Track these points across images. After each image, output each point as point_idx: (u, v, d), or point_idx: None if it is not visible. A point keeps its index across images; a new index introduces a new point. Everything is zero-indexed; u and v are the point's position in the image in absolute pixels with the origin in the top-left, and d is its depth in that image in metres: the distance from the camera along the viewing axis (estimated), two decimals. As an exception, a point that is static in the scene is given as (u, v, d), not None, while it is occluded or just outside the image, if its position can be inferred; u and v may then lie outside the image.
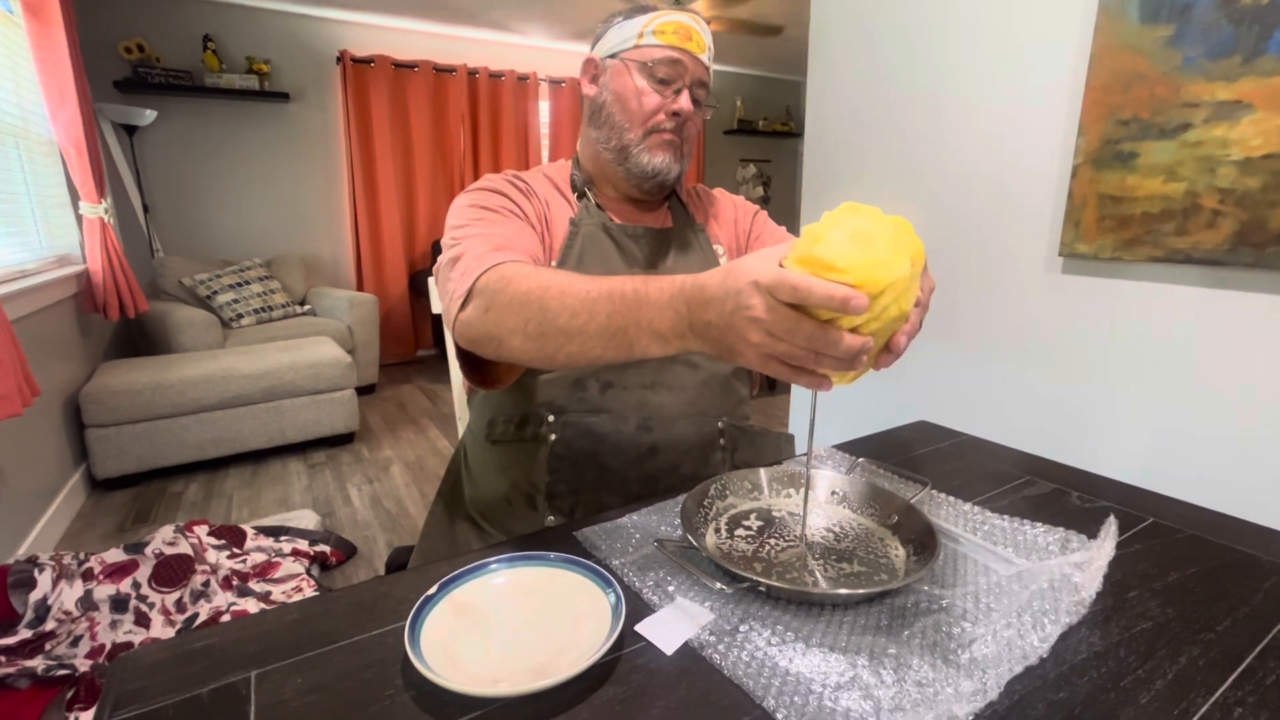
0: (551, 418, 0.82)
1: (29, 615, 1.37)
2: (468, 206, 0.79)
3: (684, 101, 0.82)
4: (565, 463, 0.82)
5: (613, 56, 0.84)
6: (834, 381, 0.48)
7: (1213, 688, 0.45)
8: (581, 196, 0.88)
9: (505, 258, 0.69)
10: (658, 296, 0.53)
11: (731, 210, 1.00)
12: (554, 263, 0.82)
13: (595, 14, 3.66)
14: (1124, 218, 1.31)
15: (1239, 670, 0.47)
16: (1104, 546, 0.61)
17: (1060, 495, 0.76)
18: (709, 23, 3.58)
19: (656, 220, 0.93)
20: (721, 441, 0.88)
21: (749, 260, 0.48)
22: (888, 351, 0.49)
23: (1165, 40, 1.21)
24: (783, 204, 5.62)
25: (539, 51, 4.35)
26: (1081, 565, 0.58)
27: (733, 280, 0.47)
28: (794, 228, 1.36)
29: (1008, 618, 0.51)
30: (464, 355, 0.74)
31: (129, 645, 1.40)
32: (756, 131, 5.28)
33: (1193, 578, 0.59)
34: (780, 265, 0.46)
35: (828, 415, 2.05)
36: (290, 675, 0.46)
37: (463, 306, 0.67)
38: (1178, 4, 1.19)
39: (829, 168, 1.98)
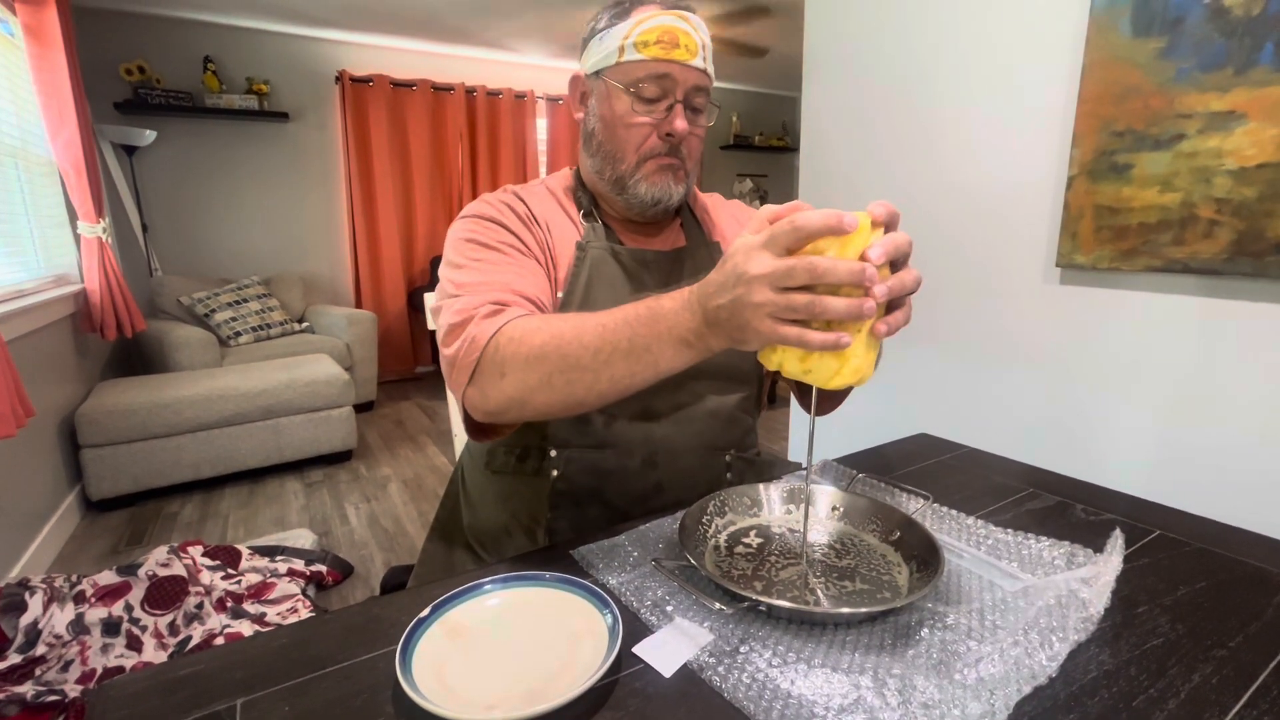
0: (554, 452, 0.78)
1: (19, 640, 1.34)
2: (464, 241, 0.75)
3: (677, 122, 0.75)
4: (567, 499, 0.79)
5: (597, 74, 0.78)
6: (851, 338, 0.47)
7: (1227, 707, 0.44)
8: (588, 216, 0.83)
9: (507, 317, 0.65)
10: (671, 305, 0.56)
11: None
12: (561, 294, 0.78)
13: (592, 33, 3.69)
14: (1121, 228, 1.31)
15: (1253, 688, 0.46)
16: (1111, 561, 0.59)
17: (1064, 508, 0.75)
18: None
19: (668, 240, 0.87)
20: (729, 475, 0.85)
21: (741, 239, 0.50)
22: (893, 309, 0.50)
23: (1157, 52, 1.22)
24: (780, 218, 5.65)
25: (536, 70, 4.39)
26: (1089, 580, 0.56)
27: (732, 262, 0.50)
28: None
29: (1014, 635, 0.50)
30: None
31: (120, 669, 1.37)
32: (752, 146, 5.32)
33: (1202, 592, 0.58)
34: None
35: (827, 429, 2.04)
36: (277, 703, 0.45)
37: (472, 379, 0.64)
38: (1169, 17, 1.20)
39: (825, 182, 1.99)
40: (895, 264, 0.49)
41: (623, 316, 0.58)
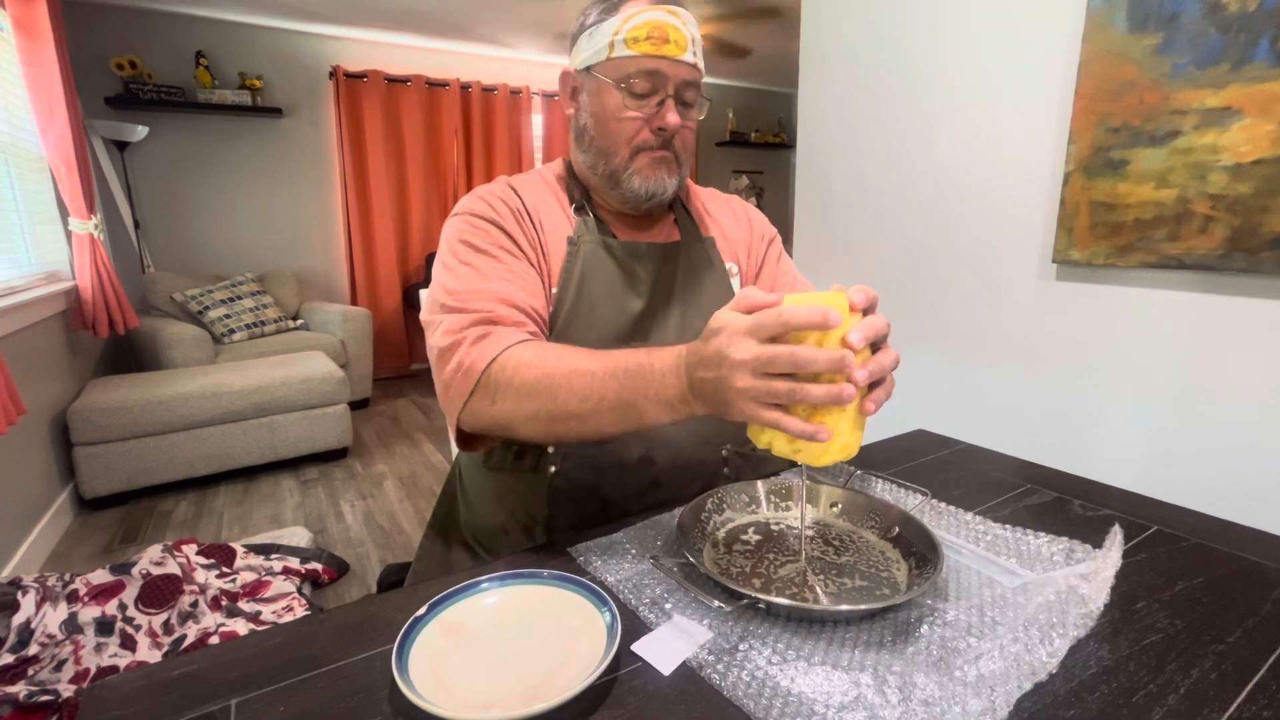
0: (551, 449, 0.78)
1: (12, 639, 1.33)
2: (459, 242, 0.75)
3: (669, 116, 0.75)
4: (565, 495, 0.79)
5: (587, 70, 0.78)
6: (832, 430, 0.49)
7: (1226, 702, 0.44)
8: (580, 209, 0.82)
9: (501, 344, 0.66)
10: (661, 366, 0.57)
11: (746, 233, 0.93)
12: (555, 289, 0.78)
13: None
14: (1116, 224, 1.31)
15: (1253, 683, 0.46)
16: (1110, 556, 0.59)
17: (1062, 504, 0.75)
18: None
19: (661, 234, 0.87)
20: (726, 470, 0.85)
21: (727, 318, 0.51)
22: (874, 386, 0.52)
23: (1153, 48, 1.22)
24: (776, 215, 5.65)
25: (531, 65, 4.37)
26: (1087, 576, 0.56)
27: (716, 342, 0.51)
28: (787, 238, 1.36)
29: (1014, 631, 0.50)
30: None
31: (114, 669, 1.36)
32: (748, 143, 5.31)
33: (1200, 587, 0.58)
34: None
35: (824, 425, 2.04)
36: (272, 703, 0.44)
37: (465, 405, 0.66)
38: (1165, 12, 1.20)
39: (821, 178, 1.99)
40: (875, 345, 0.51)
41: (614, 367, 0.59)
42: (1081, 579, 0.56)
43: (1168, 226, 1.24)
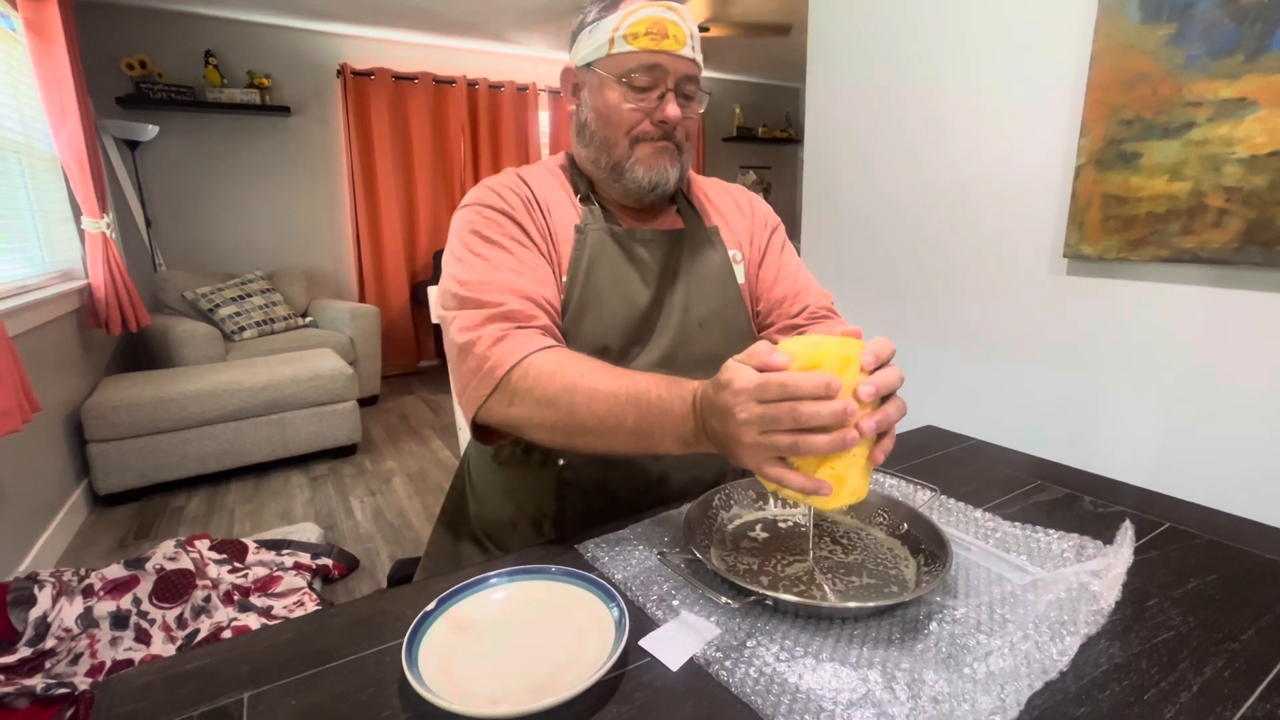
0: None
1: (29, 633, 1.35)
2: (469, 232, 0.76)
3: (669, 108, 0.76)
4: (573, 489, 0.80)
5: (588, 66, 0.79)
6: (834, 486, 0.50)
7: (1240, 700, 0.44)
8: (585, 200, 0.83)
9: (523, 349, 0.66)
10: (680, 406, 0.58)
11: (748, 221, 0.93)
12: (565, 277, 0.79)
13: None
14: (1128, 218, 1.29)
15: (1266, 681, 0.45)
16: (1121, 553, 0.59)
17: (1072, 500, 0.75)
18: (709, 28, 3.52)
19: (665, 223, 0.88)
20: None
21: (735, 372, 0.52)
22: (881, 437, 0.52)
23: (1167, 39, 1.21)
24: (783, 210, 5.59)
25: (538, 62, 4.37)
26: (1099, 573, 0.56)
27: (723, 397, 0.52)
28: (794, 234, 1.35)
29: (1024, 629, 0.49)
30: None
31: (129, 663, 1.38)
32: (756, 138, 5.29)
33: (1213, 584, 0.57)
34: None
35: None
36: (284, 697, 0.45)
37: (483, 405, 0.67)
38: (1179, 3, 1.18)
39: (829, 173, 1.98)
40: (885, 394, 0.51)
41: (635, 392, 0.60)
42: (1093, 576, 0.56)
43: (1181, 220, 1.22)
